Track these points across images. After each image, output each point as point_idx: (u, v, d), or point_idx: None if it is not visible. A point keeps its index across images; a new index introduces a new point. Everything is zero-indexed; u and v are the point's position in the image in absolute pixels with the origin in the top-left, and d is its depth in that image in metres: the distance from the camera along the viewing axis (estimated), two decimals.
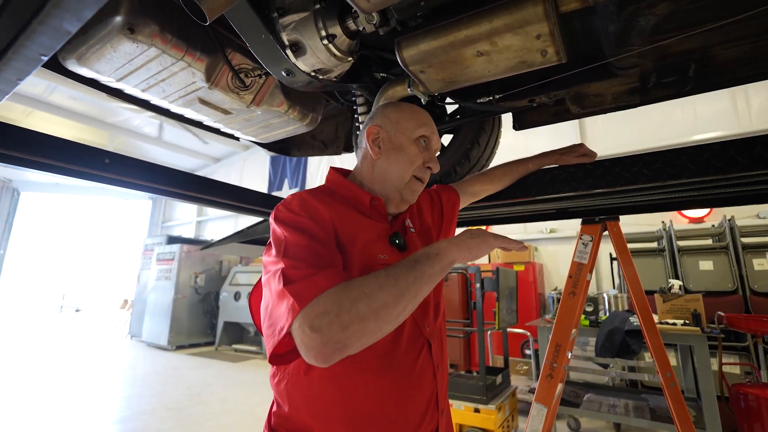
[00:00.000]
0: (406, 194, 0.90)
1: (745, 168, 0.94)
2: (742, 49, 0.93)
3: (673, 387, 1.50)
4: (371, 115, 0.95)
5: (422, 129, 0.90)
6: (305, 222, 0.72)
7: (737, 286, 3.67)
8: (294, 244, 0.68)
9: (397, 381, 0.74)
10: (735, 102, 4.84)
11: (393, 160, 0.88)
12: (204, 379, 5.78)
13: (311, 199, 0.79)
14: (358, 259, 0.76)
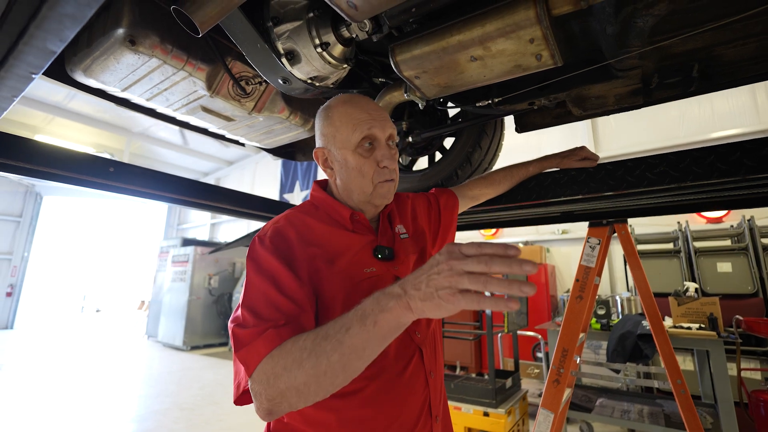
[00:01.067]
0: (377, 200, 0.86)
1: (752, 171, 0.90)
2: (749, 48, 0.90)
3: (684, 395, 1.46)
4: (315, 131, 0.91)
5: (357, 132, 0.82)
6: (271, 263, 0.71)
7: (757, 289, 3.55)
8: (254, 290, 0.70)
9: (387, 389, 0.74)
10: (755, 97, 4.69)
11: (347, 178, 0.85)
12: (216, 379, 5.86)
13: (288, 228, 0.78)
14: (344, 276, 0.76)
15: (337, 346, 0.56)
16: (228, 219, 12.48)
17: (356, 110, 0.84)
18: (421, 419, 0.77)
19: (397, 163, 0.86)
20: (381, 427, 0.73)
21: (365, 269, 0.79)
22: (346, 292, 0.75)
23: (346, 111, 0.84)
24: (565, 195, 1.15)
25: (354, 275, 0.77)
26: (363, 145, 0.83)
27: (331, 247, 0.78)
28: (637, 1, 0.77)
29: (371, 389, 0.73)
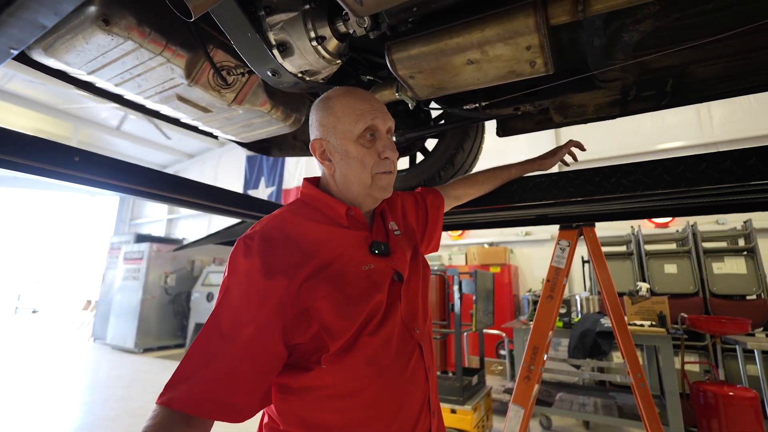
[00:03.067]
0: (376, 193, 0.85)
1: (715, 181, 0.98)
2: (717, 68, 0.98)
3: (643, 388, 1.56)
4: (310, 123, 0.89)
5: (360, 122, 0.81)
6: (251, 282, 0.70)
7: (698, 289, 3.88)
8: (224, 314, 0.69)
9: (389, 387, 0.74)
10: (699, 114, 5.13)
11: (347, 169, 0.83)
12: None
13: (280, 234, 0.75)
14: (339, 277, 0.74)
15: None
16: (186, 215, 11.91)
17: (358, 101, 0.82)
18: (422, 415, 0.77)
19: (396, 155, 0.85)
20: (384, 426, 0.72)
21: (363, 267, 0.78)
22: (341, 295, 0.72)
23: (348, 102, 0.83)
24: (546, 199, 1.19)
25: (349, 275, 0.75)
26: (365, 135, 0.82)
27: (326, 251, 0.76)
28: (625, 16, 0.82)
29: (374, 388, 0.72)
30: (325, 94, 0.87)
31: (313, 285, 0.71)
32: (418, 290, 0.87)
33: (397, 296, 0.81)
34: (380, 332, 0.74)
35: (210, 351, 0.67)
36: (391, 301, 0.79)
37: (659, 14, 0.81)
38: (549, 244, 5.91)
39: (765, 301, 3.74)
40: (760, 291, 3.77)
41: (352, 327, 0.71)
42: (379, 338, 0.74)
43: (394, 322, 0.77)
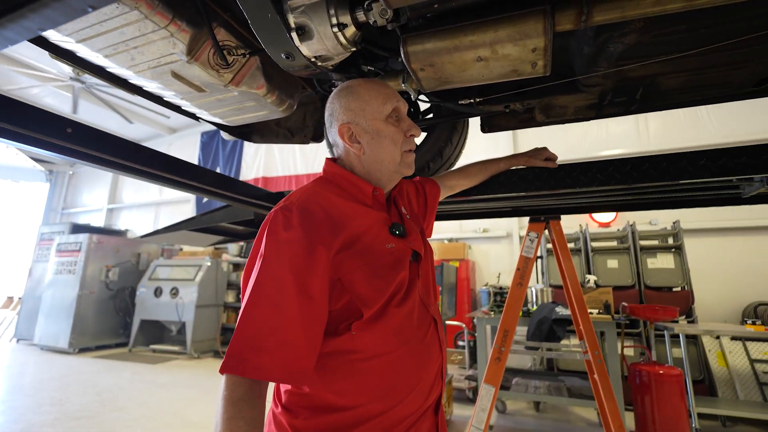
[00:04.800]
0: (404, 170, 0.93)
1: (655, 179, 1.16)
2: (680, 80, 1.14)
3: (600, 364, 1.75)
4: (330, 112, 0.94)
5: (388, 104, 0.89)
6: (296, 252, 0.73)
7: (635, 282, 4.33)
8: (275, 282, 0.71)
9: (412, 354, 0.80)
10: (638, 125, 5.69)
11: (378, 148, 0.89)
12: (118, 383, 5.22)
13: (315, 206, 0.79)
14: (367, 253, 0.80)
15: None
16: (130, 204, 11.10)
17: (381, 86, 0.90)
18: (436, 381, 0.84)
19: (420, 133, 0.93)
20: (406, 391, 0.78)
21: (387, 245, 0.83)
22: (370, 268, 0.78)
23: (372, 87, 0.90)
24: (530, 190, 1.31)
25: (376, 251, 0.81)
26: (393, 116, 0.89)
27: (355, 226, 0.81)
28: (614, 29, 0.93)
29: (399, 355, 0.78)
30: (345, 84, 0.93)
31: (346, 257, 0.76)
32: (429, 270, 0.94)
33: (415, 274, 0.87)
34: (405, 305, 0.80)
35: (270, 318, 0.69)
36: (411, 279, 0.85)
37: (642, 30, 0.93)
38: (505, 241, 6.26)
39: (688, 292, 4.26)
40: (684, 283, 4.29)
41: (382, 298, 0.77)
42: (404, 310, 0.80)
43: (415, 298, 0.84)
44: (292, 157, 8.42)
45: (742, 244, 5.02)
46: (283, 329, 0.69)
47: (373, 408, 0.74)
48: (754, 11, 0.89)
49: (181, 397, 4.59)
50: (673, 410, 3.05)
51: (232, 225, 2.07)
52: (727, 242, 5.09)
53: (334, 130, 0.91)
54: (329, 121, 0.95)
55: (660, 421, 3.04)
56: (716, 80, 1.13)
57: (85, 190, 12.46)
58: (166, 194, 10.43)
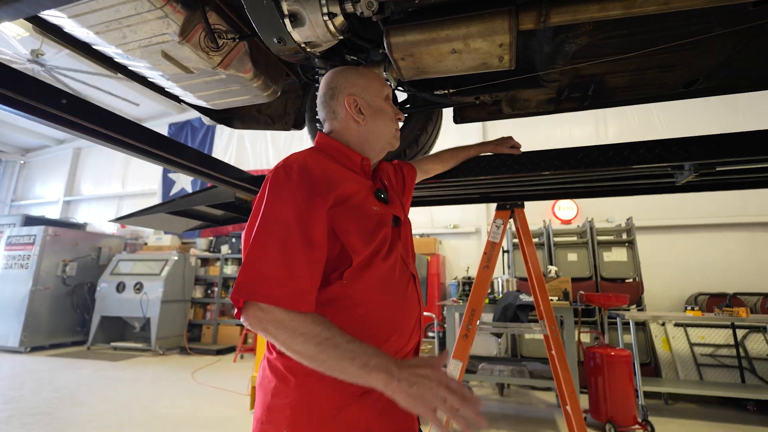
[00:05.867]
0: (394, 142, 1.07)
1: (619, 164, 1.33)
2: (624, 80, 1.31)
3: (556, 337, 1.93)
4: (331, 86, 1.04)
5: (386, 88, 1.05)
6: (302, 195, 0.82)
7: (592, 273, 4.66)
8: (282, 225, 0.79)
9: (395, 302, 0.91)
10: (597, 128, 6.09)
11: (378, 121, 1.02)
12: (77, 380, 5.02)
13: (314, 164, 0.89)
14: (357, 212, 0.90)
15: (334, 359, 0.72)
16: (90, 197, 10.57)
17: (381, 75, 1.07)
18: (414, 329, 0.96)
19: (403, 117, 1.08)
20: (390, 333, 0.89)
21: (373, 207, 0.93)
22: (360, 225, 0.89)
23: (372, 72, 1.05)
24: (497, 174, 1.46)
25: (365, 211, 0.91)
26: (388, 97, 1.03)
27: (346, 187, 0.91)
28: (569, 31, 1.08)
29: (384, 302, 0.89)
30: (344, 66, 1.07)
31: (339, 212, 0.86)
32: (408, 235, 1.06)
33: (396, 236, 0.98)
34: (388, 260, 0.91)
35: (277, 255, 0.77)
36: (393, 238, 0.96)
37: (591, 32, 1.08)
38: (474, 237, 6.50)
39: (638, 283, 4.63)
40: (635, 275, 4.66)
41: (369, 248, 0.87)
42: (388, 264, 0.91)
43: (397, 255, 0.95)
44: (265, 150, 8.34)
45: (687, 240, 5.49)
46: (289, 264, 0.77)
47: None
48: (682, 22, 1.06)
49: (148, 392, 4.49)
50: (622, 389, 3.33)
51: (212, 209, 2.10)
52: (674, 239, 5.55)
53: (338, 101, 1.02)
54: (330, 94, 1.04)
55: (611, 399, 3.32)
56: (653, 81, 1.31)
57: (39, 182, 11.73)
58: (129, 187, 10.03)
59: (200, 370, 5.52)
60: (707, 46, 1.15)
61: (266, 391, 0.85)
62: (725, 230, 5.33)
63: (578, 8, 0.91)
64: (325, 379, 0.80)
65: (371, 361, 0.71)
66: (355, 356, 0.71)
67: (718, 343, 4.27)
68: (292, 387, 0.82)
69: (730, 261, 5.21)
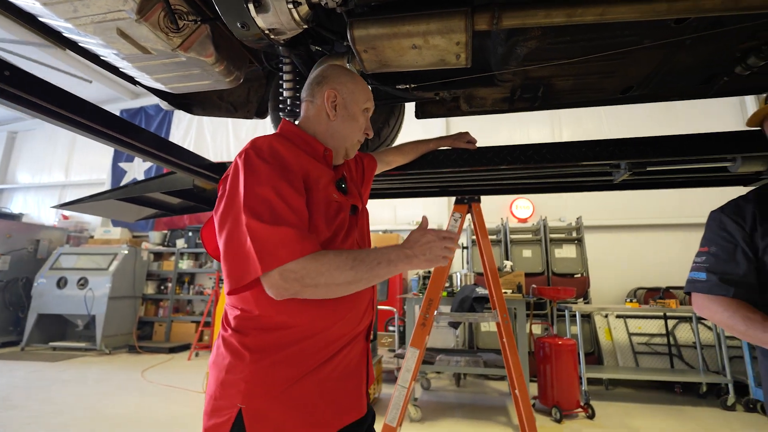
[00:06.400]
0: (351, 152, 1.11)
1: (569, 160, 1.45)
2: (568, 83, 1.43)
3: (507, 325, 2.05)
4: (323, 74, 1.08)
5: (369, 102, 1.10)
6: (275, 173, 0.85)
7: (544, 269, 4.94)
8: (262, 198, 0.82)
9: None
10: (553, 131, 6.45)
11: (346, 125, 1.06)
12: (10, 382, 4.64)
13: (281, 147, 0.92)
14: (320, 196, 0.94)
15: (368, 270, 0.83)
16: (27, 186, 9.75)
17: (369, 89, 1.11)
18: (368, 309, 1.01)
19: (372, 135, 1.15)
20: (343, 313, 0.93)
21: (333, 195, 0.97)
22: (323, 208, 0.93)
23: (364, 83, 1.10)
24: (454, 166, 1.53)
25: (326, 198, 0.95)
26: (366, 112, 1.08)
27: (310, 172, 0.94)
28: (520, 34, 1.16)
29: None
30: (345, 67, 1.14)
31: (308, 193, 0.90)
32: (365, 224, 1.10)
33: (353, 224, 1.02)
34: (347, 242, 0.96)
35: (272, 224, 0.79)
36: (350, 226, 1.00)
37: (540, 37, 1.17)
38: None
39: (586, 278, 4.97)
40: (583, 270, 5.00)
41: (329, 232, 0.92)
42: (346, 246, 0.95)
43: (353, 241, 0.99)
44: (226, 140, 8.06)
45: (630, 239, 5.95)
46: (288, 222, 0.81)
47: (314, 325, 0.88)
48: (617, 33, 1.18)
49: (92, 392, 4.24)
50: (567, 376, 3.57)
51: (168, 196, 2.04)
52: (618, 237, 5.99)
53: (321, 90, 1.05)
54: (318, 80, 1.07)
55: (557, 385, 3.55)
56: (594, 85, 1.44)
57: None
58: (73, 176, 9.35)
59: (151, 369, 5.28)
60: (639, 57, 1.28)
61: (220, 368, 0.86)
62: (663, 230, 5.82)
63: (527, 14, 0.99)
64: (279, 354, 0.83)
65: (391, 256, 0.84)
66: (380, 260, 0.83)
67: (652, 333, 4.68)
68: (247, 362, 0.83)
69: (665, 258, 5.70)
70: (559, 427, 3.36)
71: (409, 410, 3.40)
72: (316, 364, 0.87)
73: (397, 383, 2.07)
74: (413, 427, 3.28)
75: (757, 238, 1.04)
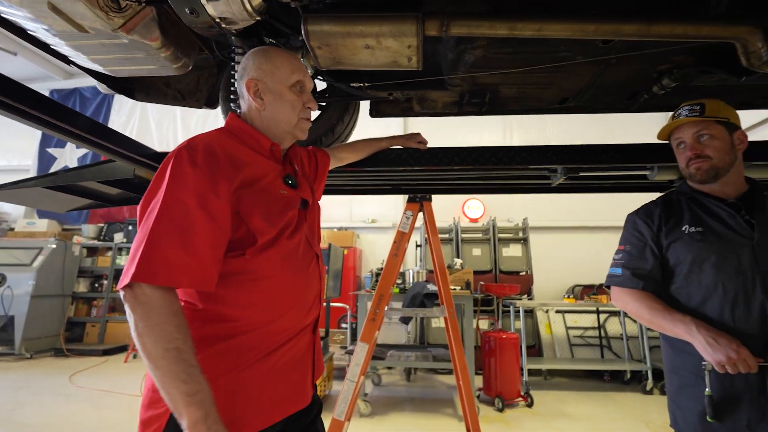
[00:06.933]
0: (298, 133, 1.06)
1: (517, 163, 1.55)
2: (511, 91, 1.53)
3: (453, 318, 2.15)
4: (243, 66, 1.04)
5: (295, 75, 1.02)
6: (203, 181, 0.82)
7: (492, 267, 5.20)
8: (178, 206, 0.79)
9: (296, 277, 0.96)
10: (504, 135, 6.78)
11: (278, 109, 1.01)
12: None
13: (219, 146, 0.89)
14: (263, 193, 0.93)
15: (171, 373, 0.72)
16: None
17: (294, 59, 1.04)
18: (314, 304, 1.02)
19: (316, 107, 1.08)
20: (290, 305, 0.94)
21: (280, 191, 0.97)
22: (266, 207, 0.91)
23: (286, 57, 1.03)
24: (405, 165, 1.58)
25: (271, 194, 0.94)
26: (296, 86, 1.03)
27: (253, 170, 0.93)
28: (468, 42, 1.23)
29: (286, 277, 0.93)
30: (263, 47, 1.05)
31: (245, 194, 0.88)
32: (315, 218, 1.11)
33: (303, 218, 1.03)
34: (293, 239, 0.96)
35: (177, 236, 0.77)
36: (299, 221, 1.01)
37: (486, 47, 1.25)
38: (391, 232, 6.76)
39: (529, 275, 5.29)
40: (527, 268, 5.31)
41: (274, 230, 0.91)
42: (292, 243, 0.95)
43: (301, 236, 1.00)
44: (173, 130, 7.60)
45: (570, 239, 6.41)
46: (190, 245, 0.77)
47: (258, 318, 0.88)
48: (553, 48, 1.28)
49: (8, 400, 3.84)
50: (510, 368, 3.79)
51: (105, 186, 1.91)
52: (560, 238, 6.44)
53: (243, 83, 1.02)
54: (240, 74, 1.04)
55: (500, 377, 3.76)
56: (535, 95, 1.55)
57: None
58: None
59: (81, 373, 4.88)
60: (574, 72, 1.40)
61: None
62: (598, 232, 6.32)
63: (473, 24, 1.05)
64: (222, 345, 0.83)
65: (199, 395, 0.71)
66: (187, 380, 0.71)
67: (586, 326, 5.08)
68: None
69: (600, 257, 6.16)
70: (501, 415, 3.56)
71: (359, 405, 3.44)
72: (259, 356, 0.87)
73: (347, 377, 2.10)
74: (362, 422, 3.32)
75: (662, 237, 1.19)
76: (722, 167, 1.17)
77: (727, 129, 1.19)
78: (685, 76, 1.36)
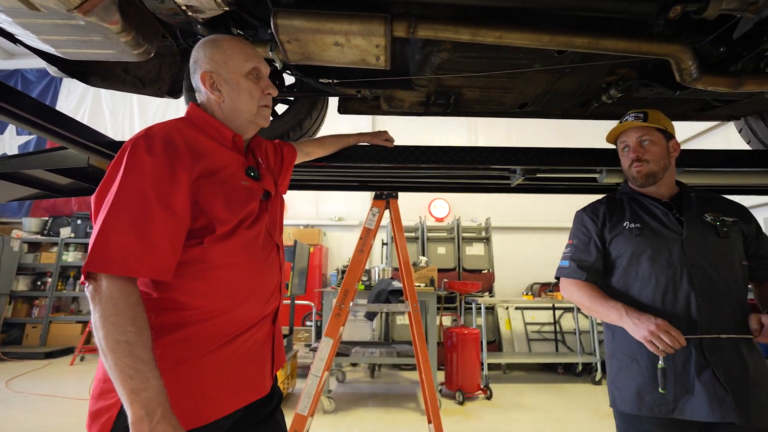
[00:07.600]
0: (260, 121, 1.05)
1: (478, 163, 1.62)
2: (475, 94, 1.60)
3: (417, 313, 2.21)
4: (194, 59, 1.02)
5: (249, 62, 1.00)
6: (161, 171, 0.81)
7: (456, 265, 5.35)
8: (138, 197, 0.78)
9: (256, 266, 0.96)
10: (470, 137, 6.99)
11: (237, 99, 0.99)
12: None
13: (179, 136, 0.88)
14: (224, 184, 0.92)
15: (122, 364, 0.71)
16: None
17: (246, 46, 1.02)
18: (274, 294, 1.02)
19: (276, 93, 1.07)
20: (248, 294, 0.94)
21: (242, 182, 0.97)
22: (226, 197, 0.91)
23: (237, 44, 1.01)
24: (372, 162, 1.62)
25: (232, 184, 0.94)
26: (252, 74, 1.01)
27: (214, 161, 0.92)
28: (434, 45, 1.28)
29: (245, 266, 0.93)
30: (212, 36, 1.02)
31: (204, 184, 0.87)
32: (277, 210, 1.12)
33: (264, 210, 1.03)
34: (253, 229, 0.96)
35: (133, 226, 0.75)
36: (260, 212, 1.01)
37: (451, 50, 1.31)
38: (358, 230, 6.75)
39: (491, 273, 5.49)
40: (489, 267, 5.51)
41: (235, 220, 0.91)
42: (252, 233, 0.96)
43: (262, 226, 1.00)
44: (129, 119, 7.19)
45: (530, 239, 6.70)
46: (146, 234, 0.76)
47: (215, 307, 0.88)
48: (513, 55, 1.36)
49: None
50: (471, 362, 3.93)
51: (54, 175, 1.80)
52: (520, 237, 6.71)
53: (197, 77, 1.00)
54: (193, 68, 1.02)
55: (461, 371, 3.88)
56: (496, 99, 1.64)
57: None
58: None
59: (19, 378, 4.53)
60: (532, 79, 1.49)
61: None
62: (555, 232, 6.65)
63: (438, 27, 1.10)
64: (177, 334, 0.83)
65: (145, 393, 0.70)
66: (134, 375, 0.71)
67: (543, 322, 5.34)
68: None
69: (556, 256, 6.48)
70: (461, 408, 3.68)
71: (323, 402, 3.44)
72: (217, 344, 0.87)
73: (311, 372, 2.10)
74: (326, 418, 3.32)
75: (606, 232, 1.30)
76: (658, 171, 1.30)
77: (664, 137, 1.32)
78: (629, 88, 1.48)
